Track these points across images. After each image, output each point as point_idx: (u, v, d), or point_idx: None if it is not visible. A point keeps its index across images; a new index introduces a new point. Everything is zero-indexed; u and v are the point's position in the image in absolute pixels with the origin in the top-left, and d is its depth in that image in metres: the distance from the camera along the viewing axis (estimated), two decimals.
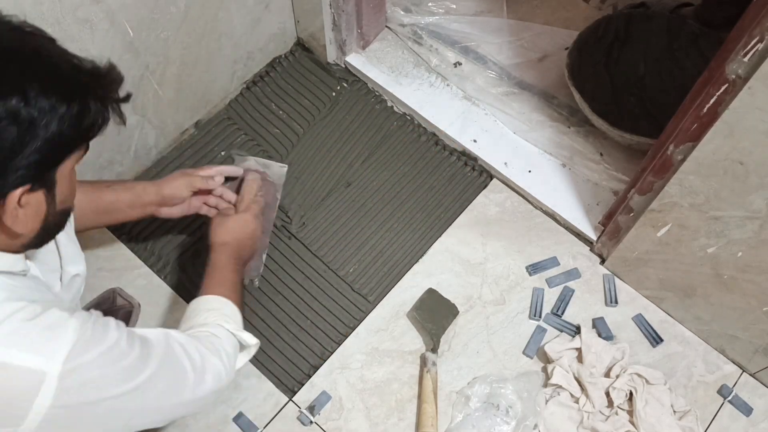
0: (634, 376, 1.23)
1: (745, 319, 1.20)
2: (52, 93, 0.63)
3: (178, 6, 1.20)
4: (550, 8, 1.65)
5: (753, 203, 1.00)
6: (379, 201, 1.43)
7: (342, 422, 1.22)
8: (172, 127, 1.42)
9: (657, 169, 1.10)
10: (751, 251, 1.07)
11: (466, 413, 1.22)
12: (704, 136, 0.96)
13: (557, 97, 1.51)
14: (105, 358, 0.70)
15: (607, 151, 1.44)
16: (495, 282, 1.35)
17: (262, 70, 1.55)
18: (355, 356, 1.28)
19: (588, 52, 1.47)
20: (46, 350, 0.64)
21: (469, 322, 1.31)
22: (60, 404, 0.65)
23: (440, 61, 1.55)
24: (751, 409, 1.26)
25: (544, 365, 1.28)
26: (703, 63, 1.01)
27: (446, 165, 1.47)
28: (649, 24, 1.50)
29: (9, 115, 0.60)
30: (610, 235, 1.31)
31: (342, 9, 1.42)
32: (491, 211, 1.43)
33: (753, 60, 0.84)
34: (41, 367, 0.63)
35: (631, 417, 1.22)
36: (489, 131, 1.48)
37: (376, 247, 1.38)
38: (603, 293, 1.35)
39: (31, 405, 0.63)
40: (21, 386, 0.63)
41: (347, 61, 1.55)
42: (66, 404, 0.66)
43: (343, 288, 1.34)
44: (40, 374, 0.63)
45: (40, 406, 0.64)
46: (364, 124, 1.51)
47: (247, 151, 1.46)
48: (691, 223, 1.11)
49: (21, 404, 0.63)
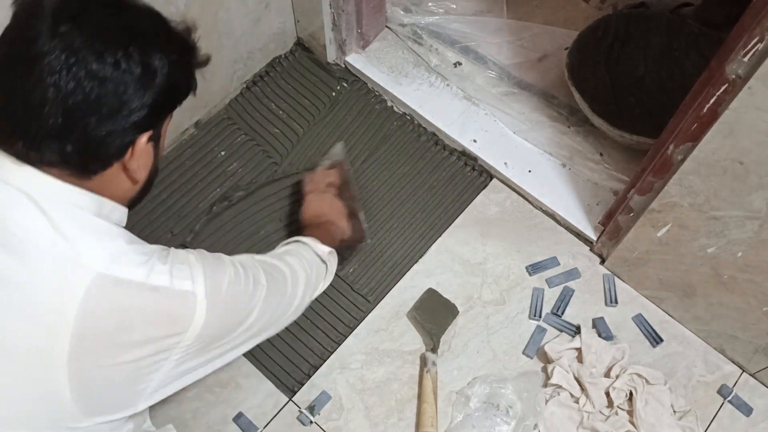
0: (634, 376, 1.23)
1: (745, 319, 1.20)
2: (175, 46, 0.75)
3: (178, 6, 1.20)
4: (550, 8, 1.65)
5: (753, 203, 1.00)
6: (379, 201, 1.43)
7: (342, 422, 1.22)
8: (172, 127, 1.41)
9: (657, 169, 1.10)
10: (751, 251, 1.07)
11: (466, 413, 1.22)
12: (704, 136, 0.96)
13: (557, 97, 1.51)
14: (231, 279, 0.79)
15: (607, 151, 1.44)
16: (495, 282, 1.35)
17: (262, 70, 1.55)
18: (355, 356, 1.28)
19: (588, 52, 1.47)
20: (189, 276, 0.75)
21: (469, 322, 1.31)
22: (210, 319, 0.76)
23: (440, 61, 1.55)
24: (751, 409, 1.26)
25: (544, 365, 1.28)
26: (703, 63, 1.00)
27: (446, 165, 1.47)
28: (649, 24, 1.50)
29: (142, 62, 0.69)
30: (610, 235, 1.31)
31: (342, 9, 1.42)
32: (491, 211, 1.43)
33: (753, 60, 0.84)
34: (192, 289, 0.74)
35: (631, 417, 1.22)
36: (489, 131, 1.48)
37: (376, 247, 1.38)
38: (603, 293, 1.35)
39: (192, 321, 0.74)
40: (181, 305, 0.74)
41: (347, 61, 1.55)
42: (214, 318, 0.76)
43: (343, 288, 1.34)
44: (193, 294, 0.74)
45: (198, 322, 0.74)
46: (364, 124, 1.51)
47: (248, 150, 1.46)
48: (691, 223, 1.11)
49: (184, 321, 0.74)
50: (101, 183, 0.73)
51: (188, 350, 0.76)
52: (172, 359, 0.75)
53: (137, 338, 0.71)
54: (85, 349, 0.69)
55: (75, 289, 0.68)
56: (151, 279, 0.72)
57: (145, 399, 0.77)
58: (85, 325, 0.69)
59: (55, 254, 0.68)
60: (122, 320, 0.70)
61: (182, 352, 0.75)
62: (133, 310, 0.71)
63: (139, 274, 0.71)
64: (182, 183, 1.42)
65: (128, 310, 0.71)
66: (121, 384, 0.73)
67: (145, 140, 0.73)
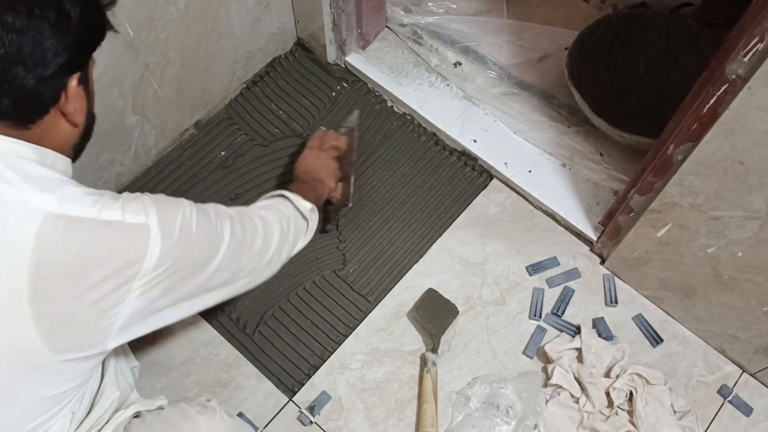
0: (634, 376, 1.23)
1: (745, 319, 1.20)
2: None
3: (178, 6, 1.20)
4: (550, 8, 1.65)
5: (753, 203, 1.00)
6: (379, 201, 1.43)
7: (342, 422, 1.22)
8: (172, 127, 1.42)
9: (657, 169, 1.10)
10: (751, 251, 1.07)
11: (466, 413, 1.22)
12: (704, 136, 0.96)
13: (557, 97, 1.51)
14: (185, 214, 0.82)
15: (607, 151, 1.44)
16: (495, 282, 1.35)
17: (262, 70, 1.55)
18: (355, 356, 1.28)
19: (588, 52, 1.47)
20: (142, 211, 0.77)
21: (469, 322, 1.31)
22: (166, 248, 0.78)
23: (440, 61, 1.55)
24: (751, 409, 1.26)
25: (544, 365, 1.28)
26: (703, 63, 1.00)
27: (446, 165, 1.47)
28: (649, 24, 1.50)
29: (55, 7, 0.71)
30: (610, 235, 1.31)
31: (342, 9, 1.42)
32: (491, 211, 1.43)
33: (753, 60, 0.84)
34: (145, 221, 0.77)
35: (631, 417, 1.22)
36: (489, 131, 1.48)
37: (376, 247, 1.38)
38: (603, 293, 1.35)
39: (146, 250, 0.76)
40: (135, 237, 0.76)
41: (347, 61, 1.55)
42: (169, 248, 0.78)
43: (343, 288, 1.34)
44: (146, 226, 0.76)
45: (153, 251, 0.76)
46: (364, 124, 1.51)
47: (249, 150, 1.46)
48: (691, 223, 1.11)
49: (139, 251, 0.76)
50: (41, 133, 0.76)
51: (150, 283, 0.78)
52: (134, 292, 0.76)
53: (95, 273, 0.73)
54: (45, 289, 0.72)
55: (27, 230, 0.70)
56: (102, 215, 0.74)
57: (115, 336, 0.79)
58: (41, 265, 0.71)
59: (1, 201, 0.71)
60: (77, 257, 0.72)
61: (143, 285, 0.77)
62: (87, 246, 0.73)
63: (90, 212, 0.74)
64: (182, 183, 1.42)
65: (83, 247, 0.73)
66: (86, 319, 0.75)
67: (76, 82, 0.76)
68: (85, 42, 0.76)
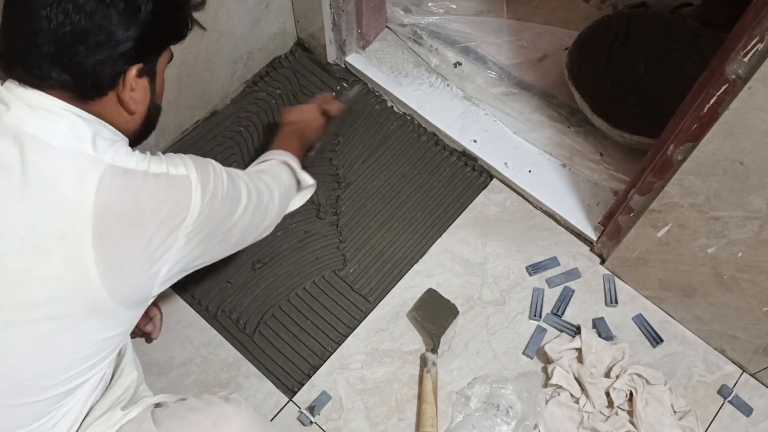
0: (634, 376, 1.23)
1: (745, 319, 1.20)
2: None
3: None
4: (550, 8, 1.65)
5: (753, 203, 1.00)
6: (379, 201, 1.43)
7: (342, 422, 1.22)
8: (172, 127, 1.42)
9: (657, 169, 1.10)
10: (751, 251, 1.07)
11: (466, 413, 1.22)
12: (704, 136, 0.96)
13: (557, 97, 1.51)
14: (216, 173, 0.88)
15: (607, 151, 1.44)
16: (495, 282, 1.35)
17: (262, 70, 1.55)
18: (355, 356, 1.28)
19: (588, 52, 1.47)
20: (182, 165, 0.84)
21: (469, 322, 1.31)
22: (205, 201, 0.84)
23: (440, 61, 1.55)
24: (751, 410, 1.26)
25: (544, 365, 1.28)
26: (703, 63, 1.00)
27: (446, 165, 1.47)
28: (649, 24, 1.50)
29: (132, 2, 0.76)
30: (610, 235, 1.31)
31: (342, 9, 1.42)
32: (491, 211, 1.43)
33: (753, 60, 0.84)
34: (187, 173, 0.83)
35: (631, 417, 1.22)
36: (489, 131, 1.48)
37: (376, 247, 1.38)
38: (603, 293, 1.35)
39: (191, 200, 0.83)
40: (180, 187, 0.83)
41: (347, 61, 1.55)
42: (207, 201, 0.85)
43: (343, 288, 1.34)
44: (188, 178, 0.83)
45: (196, 201, 0.83)
46: (364, 124, 1.51)
47: (249, 150, 1.46)
48: (691, 223, 1.11)
49: (185, 200, 0.83)
50: (101, 109, 0.81)
51: (192, 232, 0.84)
52: (181, 240, 0.83)
53: (151, 221, 0.79)
54: (107, 232, 0.77)
55: (90, 177, 0.76)
56: (152, 168, 0.81)
57: (158, 285, 0.85)
58: (103, 210, 0.76)
59: (69, 149, 0.76)
60: (135, 204, 0.78)
61: (188, 233, 0.83)
62: (141, 195, 0.79)
63: (141, 165, 0.80)
64: None
65: (139, 194, 0.79)
66: (140, 264, 0.81)
67: (135, 72, 0.80)
68: (153, 36, 0.80)
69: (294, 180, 1.17)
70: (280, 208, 1.10)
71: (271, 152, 1.18)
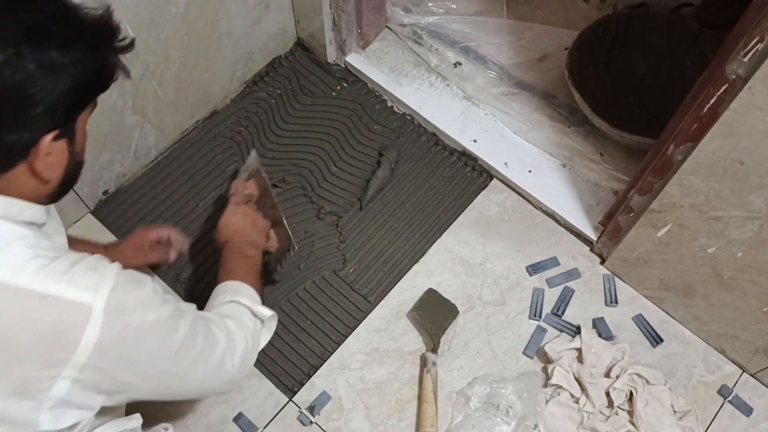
0: (634, 376, 1.23)
1: (745, 319, 1.20)
2: (82, 40, 0.68)
3: (178, 6, 1.20)
4: (550, 8, 1.65)
5: (753, 203, 1.00)
6: (379, 201, 1.43)
7: (342, 422, 1.22)
8: (172, 127, 1.42)
9: (657, 169, 1.10)
10: (751, 251, 1.07)
11: (466, 413, 1.22)
12: (704, 136, 0.96)
13: (557, 97, 1.51)
14: (144, 303, 0.75)
15: (607, 151, 1.44)
16: (495, 282, 1.35)
17: (262, 70, 1.55)
18: (355, 356, 1.28)
19: (588, 52, 1.47)
20: (91, 286, 0.69)
21: (469, 322, 1.31)
22: (106, 339, 0.70)
23: (440, 61, 1.55)
24: (751, 409, 1.26)
25: (544, 365, 1.27)
26: (703, 63, 1.00)
27: (446, 165, 1.47)
28: (649, 24, 1.50)
29: (45, 65, 0.65)
30: (610, 235, 1.31)
31: (342, 9, 1.42)
32: (491, 211, 1.43)
33: (753, 60, 0.84)
34: (89, 300, 0.69)
35: (631, 417, 1.22)
36: (489, 131, 1.48)
37: (376, 248, 1.38)
38: (603, 293, 1.35)
39: (81, 336, 0.68)
40: (72, 318, 0.68)
41: (347, 61, 1.55)
42: (111, 341, 0.70)
43: (343, 288, 1.34)
44: (88, 307, 0.68)
45: (90, 338, 0.68)
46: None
47: (248, 150, 1.46)
48: (691, 223, 1.11)
49: (73, 335, 0.68)
50: (8, 182, 0.70)
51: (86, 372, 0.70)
52: (65, 381, 0.69)
53: (21, 352, 0.67)
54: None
55: None
56: (41, 285, 0.67)
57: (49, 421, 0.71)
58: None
59: None
60: (5, 329, 0.67)
61: (78, 373, 0.70)
62: (17, 319, 0.67)
63: (28, 281, 0.67)
64: (182, 183, 1.42)
65: (11, 319, 0.67)
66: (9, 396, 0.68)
67: (50, 139, 0.69)
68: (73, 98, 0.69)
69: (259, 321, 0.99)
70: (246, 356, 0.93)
71: (220, 286, 1.03)
